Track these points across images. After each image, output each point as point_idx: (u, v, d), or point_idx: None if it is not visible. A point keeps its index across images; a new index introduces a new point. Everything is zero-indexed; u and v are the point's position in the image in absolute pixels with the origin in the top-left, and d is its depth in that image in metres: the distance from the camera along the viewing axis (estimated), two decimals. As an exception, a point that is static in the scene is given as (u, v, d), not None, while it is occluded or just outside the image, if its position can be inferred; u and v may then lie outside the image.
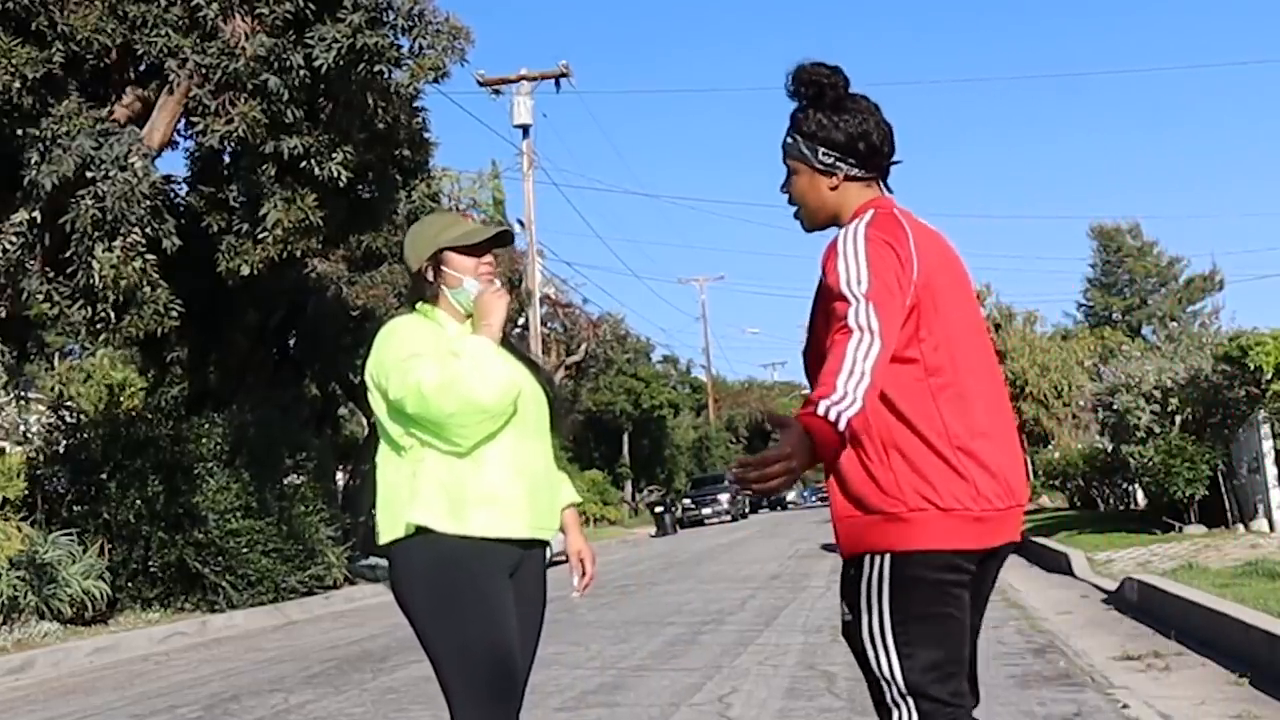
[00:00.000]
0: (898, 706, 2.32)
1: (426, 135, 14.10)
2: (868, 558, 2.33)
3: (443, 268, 2.95)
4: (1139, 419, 13.25)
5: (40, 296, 11.09)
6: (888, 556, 2.30)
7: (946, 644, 2.34)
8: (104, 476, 13.31)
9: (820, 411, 2.12)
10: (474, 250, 2.96)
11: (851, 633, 2.39)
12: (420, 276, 2.97)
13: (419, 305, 3.00)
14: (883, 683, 2.33)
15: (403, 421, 2.80)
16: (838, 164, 2.46)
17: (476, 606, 2.72)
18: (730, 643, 7.80)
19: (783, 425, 2.15)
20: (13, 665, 9.38)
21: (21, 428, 15.32)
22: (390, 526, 2.81)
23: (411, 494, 2.77)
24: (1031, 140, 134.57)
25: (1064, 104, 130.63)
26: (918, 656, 2.30)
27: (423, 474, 2.77)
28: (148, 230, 10.86)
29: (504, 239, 3.04)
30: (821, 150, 2.46)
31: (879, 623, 2.32)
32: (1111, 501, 19.34)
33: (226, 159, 13.12)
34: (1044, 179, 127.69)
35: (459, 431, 2.74)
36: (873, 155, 2.48)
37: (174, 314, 11.37)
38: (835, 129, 2.45)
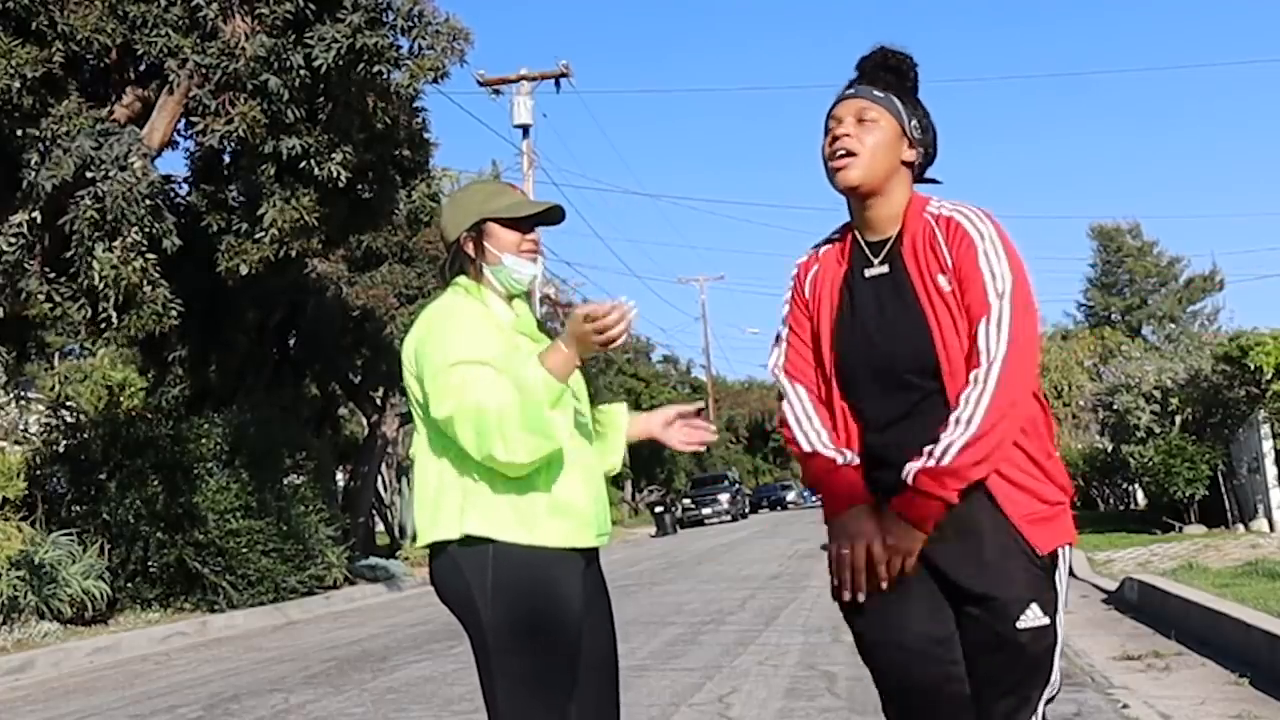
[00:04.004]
0: (1046, 704, 2.34)
1: (426, 135, 14.09)
2: (1061, 552, 2.35)
3: (484, 242, 2.60)
4: (1139, 419, 13.26)
5: (40, 296, 11.08)
6: (1069, 549, 2.37)
7: None
8: (104, 476, 13.30)
9: None
10: (519, 224, 2.62)
11: (1044, 630, 2.30)
12: (458, 249, 2.63)
13: (459, 281, 2.65)
14: (1048, 681, 2.31)
15: None
16: (920, 141, 2.40)
17: (564, 623, 2.46)
18: (730, 643, 7.80)
19: None
20: (13, 665, 9.37)
21: (21, 428, 15.30)
22: (435, 527, 2.48)
23: (465, 494, 2.45)
24: (1031, 140, 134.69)
25: (1064, 103, 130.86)
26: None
27: (478, 474, 2.45)
28: (148, 230, 10.85)
29: (555, 214, 2.67)
30: (915, 121, 2.39)
31: (1060, 618, 2.33)
32: (1111, 501, 19.35)
33: (226, 159, 13.12)
34: (1044, 179, 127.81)
35: (501, 470, 2.42)
36: (935, 155, 2.47)
37: (174, 314, 11.34)
38: (926, 114, 2.43)
